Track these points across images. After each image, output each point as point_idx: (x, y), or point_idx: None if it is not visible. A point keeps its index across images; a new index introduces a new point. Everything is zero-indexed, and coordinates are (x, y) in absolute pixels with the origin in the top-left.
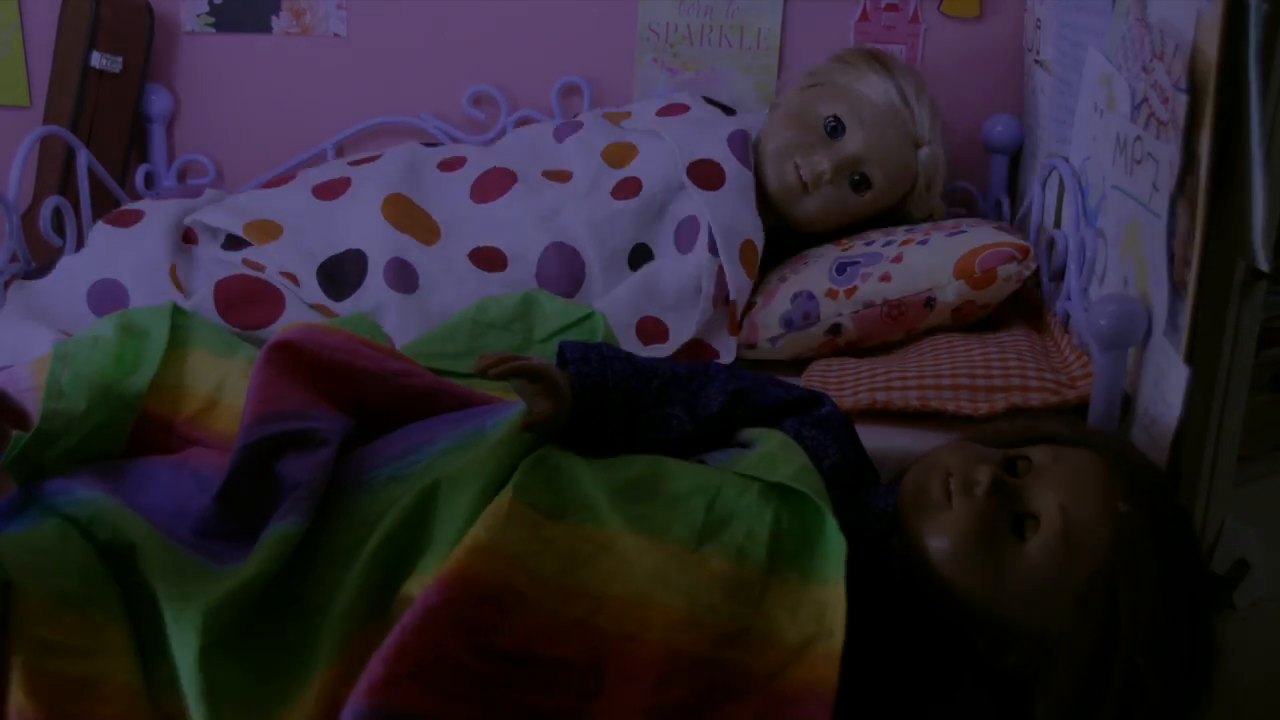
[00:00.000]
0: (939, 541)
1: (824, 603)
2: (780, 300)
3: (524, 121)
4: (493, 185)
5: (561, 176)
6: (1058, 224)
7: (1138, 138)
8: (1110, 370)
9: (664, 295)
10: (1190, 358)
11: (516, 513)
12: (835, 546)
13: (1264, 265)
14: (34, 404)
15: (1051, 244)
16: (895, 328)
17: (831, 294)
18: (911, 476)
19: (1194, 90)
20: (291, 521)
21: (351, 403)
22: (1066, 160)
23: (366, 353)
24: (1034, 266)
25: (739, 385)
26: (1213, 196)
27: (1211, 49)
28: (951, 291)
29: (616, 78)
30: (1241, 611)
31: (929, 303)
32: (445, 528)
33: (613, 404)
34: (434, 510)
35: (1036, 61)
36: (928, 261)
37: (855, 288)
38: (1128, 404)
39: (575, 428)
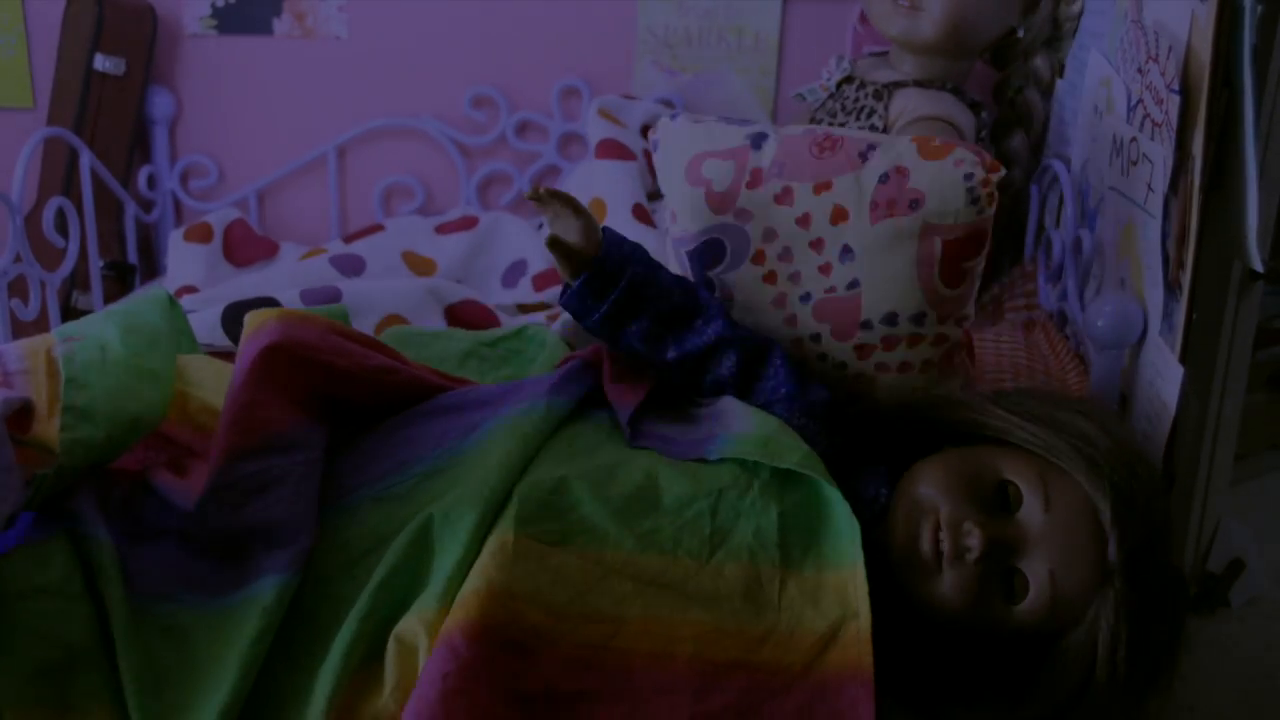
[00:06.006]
0: (929, 602)
1: (843, 587)
2: None
3: (524, 124)
4: None
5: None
6: (1057, 224)
7: (1133, 139)
8: (1107, 370)
9: None
10: (1185, 357)
11: (521, 547)
12: (846, 529)
13: (1258, 266)
14: (24, 386)
15: (1049, 244)
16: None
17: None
18: (902, 518)
19: (1186, 92)
20: (277, 581)
21: (328, 399)
22: (1068, 161)
23: (348, 348)
24: None
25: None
26: (1206, 198)
27: (1205, 50)
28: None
29: (616, 79)
30: (1236, 610)
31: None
32: (443, 562)
33: (635, 279)
34: (429, 547)
35: None
36: None
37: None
38: (1124, 403)
39: (599, 284)
